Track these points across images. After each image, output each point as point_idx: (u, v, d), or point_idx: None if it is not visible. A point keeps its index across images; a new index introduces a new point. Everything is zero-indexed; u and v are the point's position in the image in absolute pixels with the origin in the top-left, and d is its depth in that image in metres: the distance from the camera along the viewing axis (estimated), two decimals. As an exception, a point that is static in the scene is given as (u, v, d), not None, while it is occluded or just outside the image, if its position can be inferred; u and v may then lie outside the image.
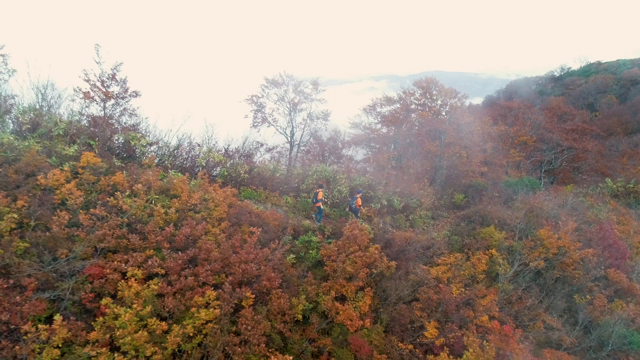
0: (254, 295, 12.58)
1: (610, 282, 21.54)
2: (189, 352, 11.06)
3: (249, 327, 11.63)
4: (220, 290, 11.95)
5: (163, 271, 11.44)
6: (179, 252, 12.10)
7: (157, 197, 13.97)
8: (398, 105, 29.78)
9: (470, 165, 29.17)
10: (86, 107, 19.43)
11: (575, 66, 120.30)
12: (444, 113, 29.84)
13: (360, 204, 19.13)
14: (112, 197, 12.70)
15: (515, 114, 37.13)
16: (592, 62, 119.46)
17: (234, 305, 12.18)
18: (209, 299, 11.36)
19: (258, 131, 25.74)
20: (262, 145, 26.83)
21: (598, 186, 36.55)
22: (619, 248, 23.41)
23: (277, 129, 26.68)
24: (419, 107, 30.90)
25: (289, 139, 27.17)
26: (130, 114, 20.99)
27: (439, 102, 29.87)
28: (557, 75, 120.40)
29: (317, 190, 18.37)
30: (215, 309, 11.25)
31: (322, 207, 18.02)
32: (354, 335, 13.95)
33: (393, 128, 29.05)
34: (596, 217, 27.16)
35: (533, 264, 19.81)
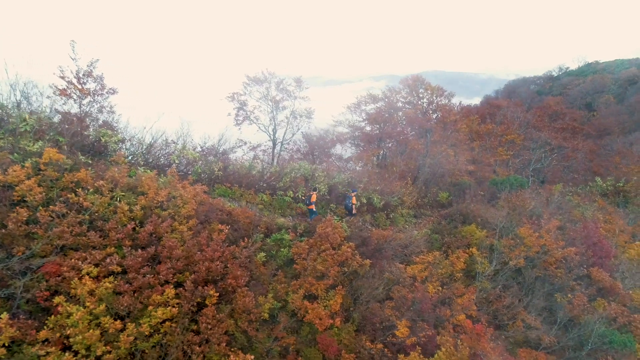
0: (217, 294, 12.40)
1: (593, 281, 21.32)
2: (147, 351, 10.86)
3: (209, 326, 11.44)
4: (182, 289, 11.77)
5: (119, 269, 11.23)
6: (139, 250, 11.89)
7: (123, 194, 13.76)
8: (382, 104, 29.58)
9: (457, 164, 28.96)
10: (63, 104, 19.32)
11: (574, 66, 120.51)
12: (430, 111, 29.61)
13: (355, 202, 19.47)
14: (73, 194, 12.50)
15: (504, 112, 36.91)
16: (590, 62, 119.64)
17: (196, 303, 12.02)
18: (168, 297, 11.15)
19: (239, 129, 25.60)
20: (245, 143, 26.74)
21: (588, 185, 36.35)
22: (603, 247, 23.17)
23: (259, 127, 26.50)
24: (407, 106, 30.70)
25: (272, 136, 26.98)
26: (108, 111, 20.89)
27: (424, 100, 29.65)
28: (555, 75, 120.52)
29: (311, 193, 18.84)
30: (173, 307, 11.04)
31: (314, 209, 18.45)
32: (323, 334, 13.76)
33: (377, 126, 28.86)
34: (582, 216, 26.96)
35: (513, 263, 19.61)
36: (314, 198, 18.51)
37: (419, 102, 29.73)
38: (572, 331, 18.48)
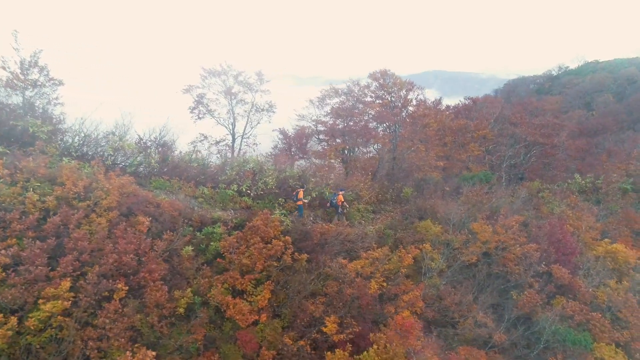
0: (127, 288, 11.94)
1: (554, 278, 20.72)
2: (39, 345, 10.40)
3: (107, 321, 10.96)
4: (82, 282, 11.30)
5: (8, 260, 10.74)
6: (37, 242, 11.41)
7: (39, 184, 13.32)
8: (345, 97, 29.02)
9: (427, 159, 28.35)
10: (7, 95, 18.93)
11: (573, 65, 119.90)
12: (400, 106, 29.06)
13: (342, 200, 20.02)
14: (-24, 184, 12.06)
15: (479, 108, 36.27)
16: (589, 61, 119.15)
17: (101, 297, 11.56)
18: (63, 291, 10.67)
19: (194, 122, 25.15)
20: (205, 137, 26.28)
21: (566, 182, 35.71)
22: (567, 244, 22.58)
23: (217, 121, 26.01)
24: (377, 100, 30.13)
25: (231, 130, 26.47)
26: (56, 103, 20.51)
27: (393, 94, 29.07)
28: (555, 74, 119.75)
29: (298, 190, 19.06)
30: (66, 301, 10.56)
31: (302, 204, 18.88)
32: (244, 330, 13.27)
33: (339, 120, 28.26)
34: (551, 213, 26.35)
35: (465, 258, 19.06)
36: (300, 195, 18.89)
37: (386, 97, 29.14)
38: (520, 328, 17.87)
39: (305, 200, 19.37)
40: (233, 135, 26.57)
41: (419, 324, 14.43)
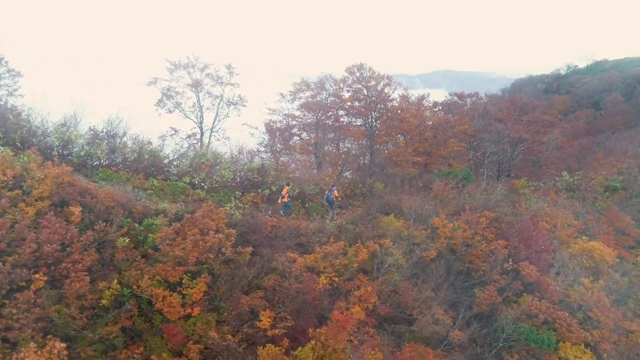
0: (46, 278, 11.65)
1: (522, 275, 20.08)
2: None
3: (15, 311, 10.67)
4: (-7, 271, 11.03)
5: None
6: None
7: (-35, 173, 13.09)
8: (313, 92, 28.44)
9: (404, 155, 27.81)
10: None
11: (582, 64, 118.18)
12: (377, 101, 28.52)
13: (337, 195, 20.67)
14: None
15: (463, 104, 35.49)
16: (598, 60, 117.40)
17: (16, 287, 11.29)
18: (-32, 279, 10.40)
19: (159, 115, 24.79)
20: (176, 131, 26.03)
21: (553, 179, 34.93)
22: (538, 241, 21.88)
23: (185, 114, 25.64)
24: (355, 94, 29.62)
25: (199, 124, 26.11)
26: (16, 95, 20.48)
27: (371, 89, 28.51)
28: (564, 73, 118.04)
29: (283, 187, 19.30)
30: (-32, 289, 10.30)
31: (286, 201, 19.26)
32: (172, 323, 12.91)
33: (311, 114, 27.78)
34: (527, 210, 25.64)
35: (424, 254, 18.50)
36: (284, 192, 19.11)
37: (362, 91, 28.60)
38: (476, 326, 17.28)
39: (290, 199, 19.52)
40: (201, 129, 26.25)
41: (355, 320, 13.88)
